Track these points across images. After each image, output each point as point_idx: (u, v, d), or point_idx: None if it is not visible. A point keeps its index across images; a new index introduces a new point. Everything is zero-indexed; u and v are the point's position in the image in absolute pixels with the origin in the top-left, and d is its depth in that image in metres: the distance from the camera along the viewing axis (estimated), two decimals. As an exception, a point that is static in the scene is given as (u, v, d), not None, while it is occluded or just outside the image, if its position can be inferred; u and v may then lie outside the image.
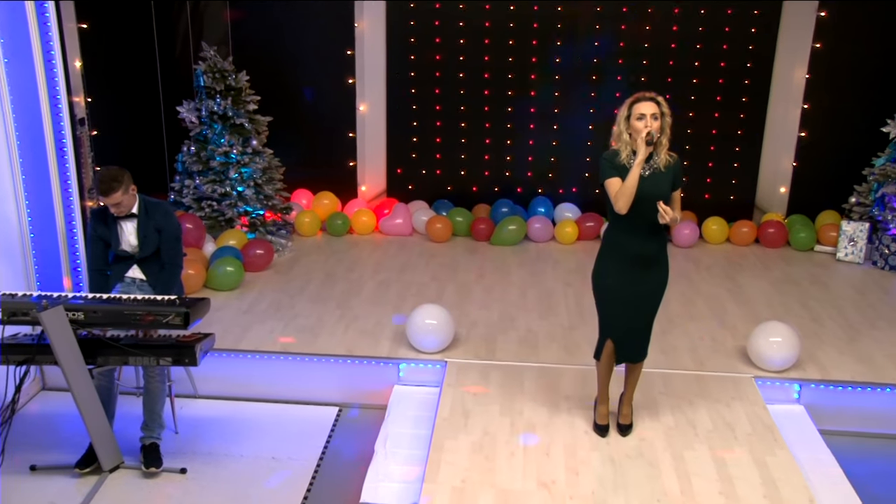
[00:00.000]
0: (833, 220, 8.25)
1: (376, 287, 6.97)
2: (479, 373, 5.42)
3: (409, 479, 4.46)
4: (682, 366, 5.60)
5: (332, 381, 5.66)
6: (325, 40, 8.38)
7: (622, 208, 4.20)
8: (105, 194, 4.60)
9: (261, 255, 7.25)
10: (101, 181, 4.60)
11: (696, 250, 8.21)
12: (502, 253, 7.99)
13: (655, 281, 4.45)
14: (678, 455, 4.54)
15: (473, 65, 8.57)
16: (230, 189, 7.64)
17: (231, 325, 6.09)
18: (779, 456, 4.55)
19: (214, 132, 7.56)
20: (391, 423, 5.09)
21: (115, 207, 4.69)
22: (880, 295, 7.02)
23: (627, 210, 4.20)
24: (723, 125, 8.55)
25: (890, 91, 7.85)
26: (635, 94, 4.25)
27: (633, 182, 4.16)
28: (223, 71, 7.51)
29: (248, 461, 4.92)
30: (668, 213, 4.14)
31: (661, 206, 4.14)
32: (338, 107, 8.62)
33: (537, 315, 6.42)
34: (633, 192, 4.17)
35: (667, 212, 4.13)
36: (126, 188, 4.67)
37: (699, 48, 8.33)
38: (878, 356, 5.75)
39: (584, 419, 4.85)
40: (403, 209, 8.55)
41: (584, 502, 4.11)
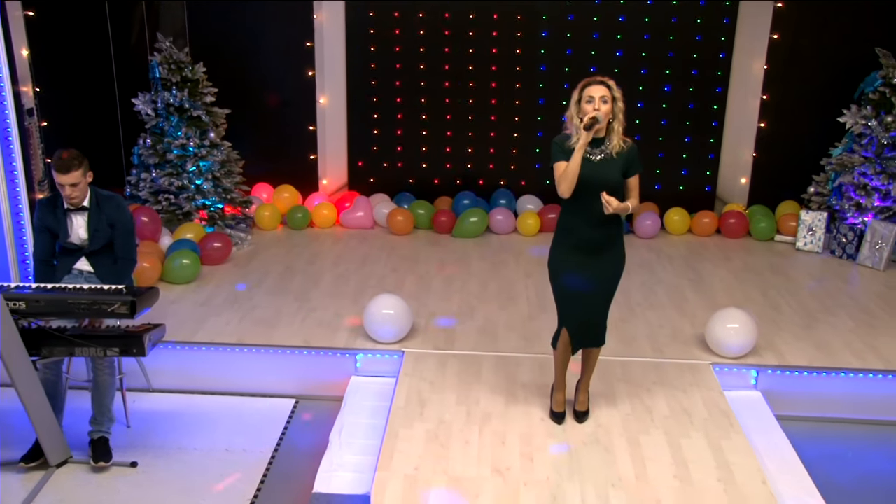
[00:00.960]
0: (793, 210, 8.30)
1: (335, 279, 6.90)
2: (437, 363, 5.38)
3: (364, 469, 4.40)
4: (641, 353, 5.59)
5: (289, 373, 5.59)
6: (284, 32, 8.27)
7: (564, 192, 4.18)
8: (65, 171, 4.50)
9: (218, 248, 7.14)
10: (60, 158, 4.50)
11: (658, 241, 8.23)
12: (464, 245, 7.95)
13: (609, 267, 4.41)
14: (634, 441, 4.52)
15: (434, 56, 8.51)
16: (188, 182, 7.52)
17: (186, 317, 5.99)
18: (734, 440, 4.55)
19: (171, 124, 7.44)
20: (347, 414, 5.03)
21: (71, 190, 4.57)
22: (838, 283, 7.07)
23: (570, 194, 4.17)
24: (684, 117, 8.56)
25: (847, 82, 7.90)
26: (587, 78, 4.22)
27: (575, 166, 4.13)
28: (179, 62, 7.39)
29: (201, 454, 4.84)
30: (612, 203, 4.10)
31: (605, 196, 4.11)
32: (298, 99, 8.51)
33: (497, 306, 6.38)
34: (575, 175, 4.13)
35: (609, 202, 4.09)
36: (85, 171, 4.59)
37: (664, 40, 8.33)
38: (835, 342, 5.78)
39: (540, 407, 4.82)
40: (364, 202, 8.48)
41: (539, 488, 4.08)
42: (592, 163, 4.21)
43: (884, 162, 7.51)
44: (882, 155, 7.53)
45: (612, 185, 4.18)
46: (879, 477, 4.81)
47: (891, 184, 7.51)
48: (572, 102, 4.23)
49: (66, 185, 4.57)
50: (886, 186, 7.54)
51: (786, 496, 4.25)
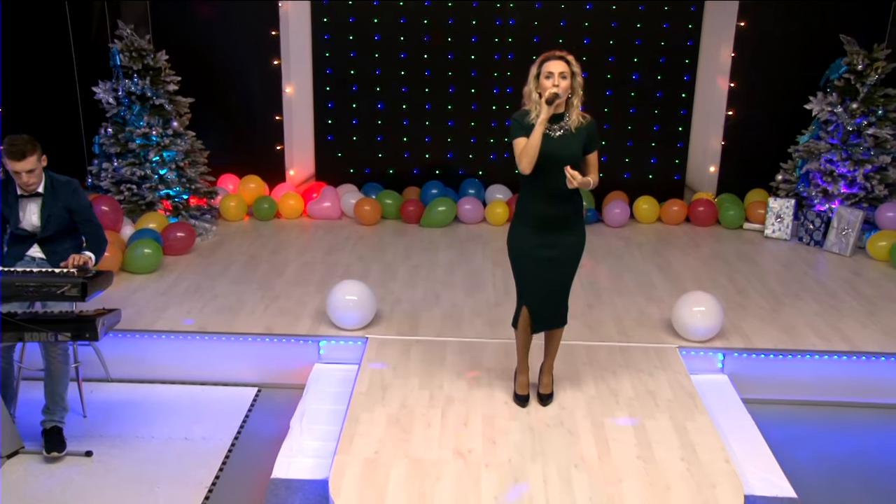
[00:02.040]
0: (761, 198, 8.30)
1: (300, 268, 6.81)
2: (401, 348, 5.30)
3: (324, 454, 4.32)
4: (607, 338, 5.55)
5: (251, 361, 5.51)
6: (249, 21, 8.16)
7: (525, 168, 4.13)
8: (20, 158, 4.35)
9: (181, 237, 7.03)
10: (13, 144, 4.35)
11: (627, 230, 8.21)
12: (432, 234, 7.88)
13: (569, 245, 4.36)
14: (598, 422, 4.47)
15: (404, 45, 8.42)
16: (150, 172, 7.40)
17: (146, 306, 5.88)
18: (698, 421, 4.52)
19: (133, 113, 7.32)
20: (309, 400, 4.95)
21: (28, 176, 4.43)
22: (805, 269, 7.07)
23: (531, 170, 4.12)
24: (652, 105, 8.54)
25: (813, 69, 7.92)
26: (545, 53, 4.17)
27: (536, 141, 4.08)
28: (141, 50, 7.27)
29: (159, 443, 4.74)
30: (577, 177, 4.06)
31: (569, 170, 4.06)
32: (263, 89, 8.40)
33: (463, 292, 6.32)
34: (536, 151, 4.08)
35: (574, 177, 4.05)
36: (40, 156, 4.45)
37: (626, 26, 8.30)
38: (800, 325, 5.78)
39: (504, 391, 4.77)
40: (332, 192, 8.39)
41: (500, 470, 4.02)
42: (552, 139, 4.15)
43: (849, 149, 7.53)
44: (848, 142, 7.56)
45: (572, 161, 4.13)
46: (843, 457, 4.80)
47: (856, 170, 7.53)
48: (531, 78, 4.18)
49: (21, 173, 4.42)
50: (852, 173, 7.56)
51: (749, 475, 4.23)
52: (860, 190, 7.62)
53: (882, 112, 7.42)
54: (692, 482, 3.95)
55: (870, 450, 4.90)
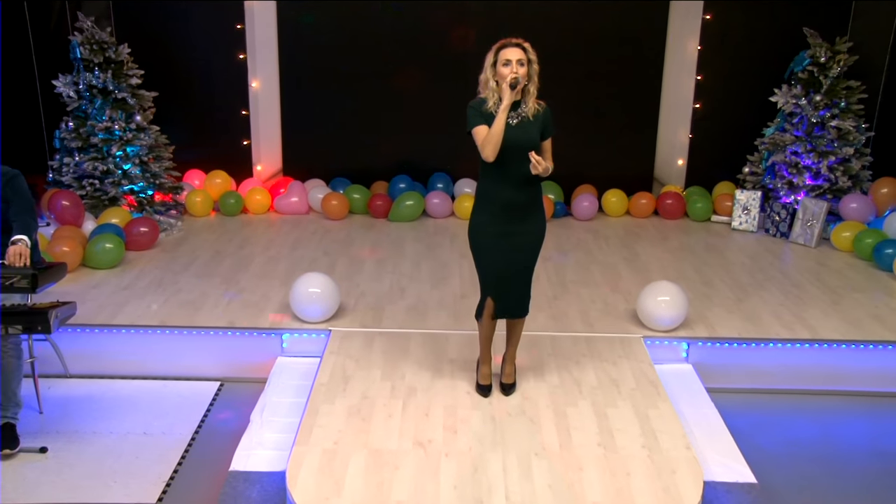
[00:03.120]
0: (729, 191, 8.33)
1: (265, 262, 6.74)
2: (364, 340, 5.26)
3: (284, 447, 4.26)
4: (572, 328, 5.54)
5: (214, 355, 5.44)
6: (214, 14, 8.07)
7: (489, 156, 4.11)
8: None
9: (145, 232, 6.93)
10: None
11: (596, 223, 8.21)
12: (399, 228, 7.83)
13: (530, 232, 4.34)
14: (560, 411, 4.46)
15: (369, 38, 8.36)
16: (113, 167, 7.29)
17: (107, 301, 5.79)
18: (661, 409, 4.51)
19: (94, 107, 7.21)
20: (270, 393, 4.89)
21: None
22: (771, 260, 7.10)
23: (495, 157, 4.10)
24: (620, 98, 8.53)
25: (778, 61, 7.96)
26: (501, 41, 4.15)
27: (500, 128, 4.06)
28: (102, 43, 7.17)
29: (117, 438, 4.66)
30: (541, 163, 4.05)
31: (533, 156, 4.05)
32: (229, 83, 8.31)
33: (429, 285, 6.29)
34: (500, 138, 4.07)
35: (539, 162, 4.04)
36: None
37: (593, 19, 8.29)
38: (765, 314, 5.80)
39: (467, 381, 4.74)
40: (299, 187, 8.32)
41: (460, 459, 3.99)
42: (511, 126, 4.14)
43: (814, 140, 7.58)
44: (812, 133, 7.60)
45: (532, 148, 4.12)
46: (804, 443, 4.82)
47: (821, 162, 7.58)
48: (487, 66, 4.16)
49: None
50: (817, 165, 7.61)
51: (711, 461, 4.23)
52: (825, 181, 7.67)
53: (845, 104, 7.48)
54: (653, 469, 3.94)
55: (831, 435, 4.93)
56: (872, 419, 5.13)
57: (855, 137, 7.53)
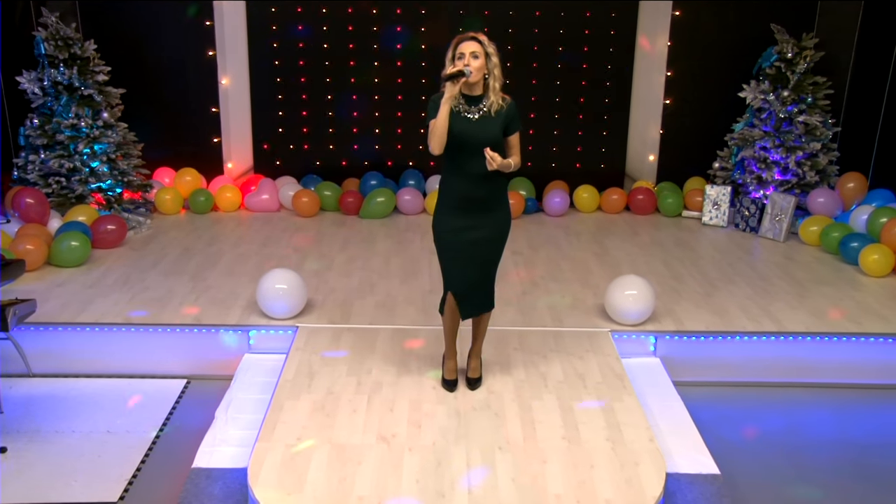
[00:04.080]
0: (700, 186, 8.36)
1: (234, 259, 6.70)
2: (331, 337, 5.24)
3: (248, 443, 4.22)
4: (540, 323, 5.54)
5: (180, 352, 5.40)
6: (182, 11, 8.00)
7: (434, 148, 4.10)
8: None
9: (112, 230, 6.87)
10: None
11: (567, 218, 8.22)
12: (370, 225, 7.81)
13: (492, 227, 4.32)
14: (526, 405, 4.46)
15: (339, 36, 8.33)
16: (80, 164, 7.22)
17: (72, 299, 5.73)
18: (626, 402, 4.52)
19: (60, 104, 7.13)
20: (236, 390, 4.86)
21: None
22: (740, 254, 7.14)
23: (440, 150, 4.11)
24: (591, 94, 8.57)
25: (747, 57, 8.00)
26: (459, 35, 4.13)
27: (441, 121, 4.05)
28: (67, 38, 7.09)
29: (80, 437, 4.62)
30: (496, 159, 4.03)
31: (488, 152, 4.03)
32: (198, 80, 8.25)
33: (398, 281, 6.28)
34: (442, 131, 4.06)
35: (494, 158, 4.02)
36: None
37: (563, 16, 8.31)
38: (732, 308, 5.83)
39: (433, 376, 4.73)
40: (270, 185, 8.27)
41: (423, 453, 3.98)
42: (471, 121, 4.13)
43: (782, 136, 7.63)
44: (780, 129, 7.66)
45: (491, 143, 4.10)
46: (769, 435, 4.85)
47: (789, 157, 7.63)
48: (447, 60, 4.14)
49: None
50: (785, 160, 7.66)
51: (675, 454, 4.25)
52: (793, 176, 7.72)
53: (811, 100, 7.54)
54: (616, 461, 3.95)
55: (796, 427, 4.96)
56: (836, 410, 5.18)
57: (822, 132, 7.59)
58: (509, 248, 6.92)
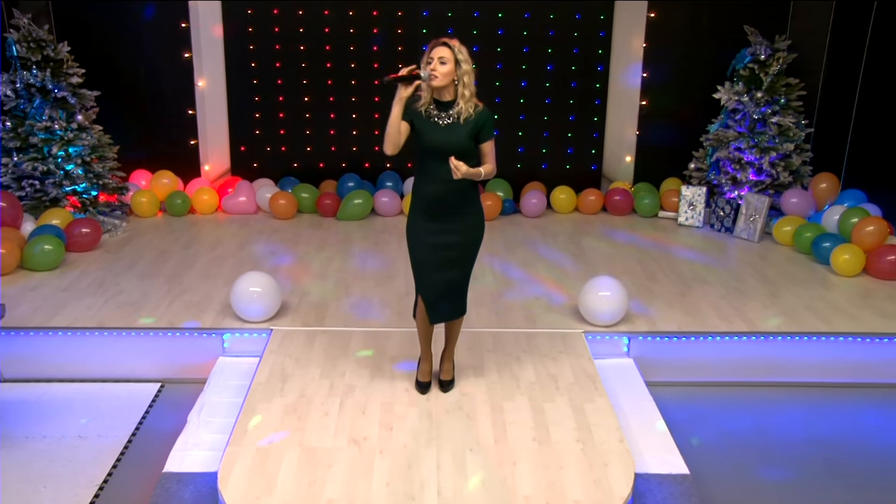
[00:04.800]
0: (676, 187, 8.41)
1: (210, 262, 6.68)
2: (305, 339, 5.24)
3: (220, 447, 4.22)
4: (514, 325, 5.56)
5: (154, 356, 5.38)
6: (158, 12, 7.97)
7: (388, 150, 4.18)
8: None
9: (87, 234, 6.83)
10: None
11: (544, 219, 8.25)
12: (348, 227, 7.81)
13: (463, 233, 4.30)
14: (497, 407, 4.48)
15: (314, 37, 8.33)
16: (54, 167, 7.18)
17: (44, 303, 5.71)
18: (597, 403, 4.55)
19: (33, 106, 7.09)
20: (209, 394, 4.86)
21: None
22: (715, 254, 7.20)
23: (394, 152, 4.17)
24: (567, 95, 8.60)
25: (721, 58, 8.05)
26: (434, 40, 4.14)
27: (392, 122, 4.12)
28: (40, 40, 7.05)
29: (51, 442, 4.59)
30: (460, 168, 4.02)
31: (453, 161, 4.03)
32: (175, 83, 8.22)
33: (374, 283, 6.28)
34: (394, 131, 4.13)
35: (458, 167, 4.02)
36: None
37: (540, 19, 8.34)
38: (705, 308, 5.87)
39: (405, 378, 4.74)
40: (247, 187, 8.25)
41: (395, 456, 3.99)
42: (440, 127, 4.15)
43: (756, 136, 7.70)
44: (754, 130, 7.72)
45: (459, 150, 4.09)
46: (740, 434, 4.90)
47: (763, 158, 7.70)
48: (422, 63, 4.15)
49: None
50: (759, 160, 7.72)
51: (646, 454, 4.28)
52: (767, 177, 7.79)
53: (785, 101, 7.60)
54: (585, 462, 3.98)
55: (767, 426, 5.01)
56: (806, 408, 5.23)
57: (795, 133, 7.66)
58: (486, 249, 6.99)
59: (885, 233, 6.61)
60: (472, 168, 4.08)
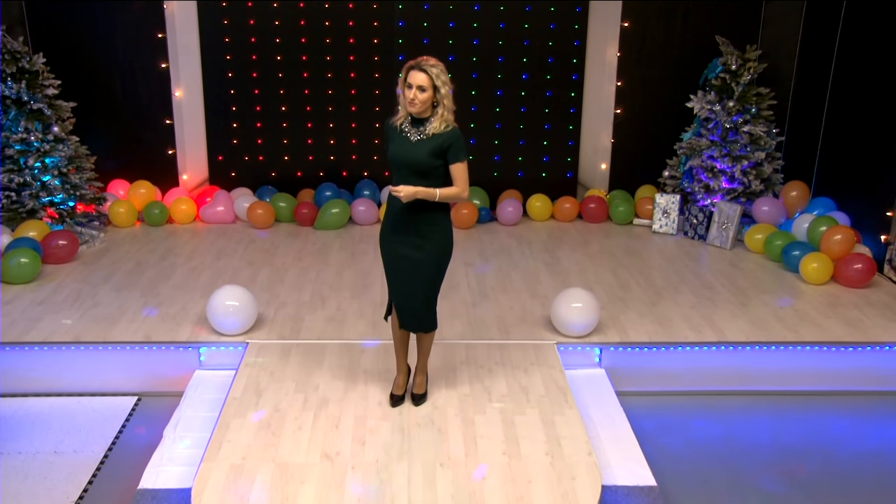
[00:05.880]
0: (650, 194, 8.52)
1: (187, 273, 6.72)
2: (280, 352, 5.29)
3: (195, 462, 4.27)
4: (488, 336, 5.64)
5: (130, 369, 5.42)
6: (134, 22, 7.99)
7: None
8: None
9: (63, 245, 6.85)
10: None
11: (520, 227, 8.33)
12: (325, 236, 7.86)
13: (426, 251, 4.35)
14: (469, 420, 4.55)
15: (291, 47, 8.38)
16: (31, 179, 7.19)
17: (19, 317, 5.73)
18: (567, 415, 4.63)
19: (9, 118, 7.09)
20: (185, 408, 4.90)
21: None
22: (687, 262, 7.30)
23: None
24: (543, 104, 8.69)
25: (694, 68, 8.16)
26: (414, 59, 4.18)
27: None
28: (14, 52, 7.05)
29: (25, 458, 4.62)
30: (400, 192, 4.12)
31: (391, 188, 4.18)
32: (152, 92, 8.24)
33: (350, 294, 6.34)
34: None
35: (398, 191, 4.13)
36: None
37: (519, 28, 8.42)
38: (676, 317, 5.97)
39: (379, 391, 4.81)
40: (225, 196, 8.29)
41: (366, 471, 4.06)
42: (410, 142, 4.23)
43: (728, 145, 7.81)
44: (727, 138, 7.83)
45: (419, 166, 4.19)
46: (708, 443, 5.00)
47: (735, 166, 7.81)
48: (401, 81, 4.21)
49: None
50: (731, 169, 7.84)
51: (614, 465, 4.36)
52: (739, 185, 7.91)
53: (755, 110, 7.72)
54: (553, 475, 4.06)
55: (734, 434, 5.11)
56: (774, 417, 5.34)
57: (766, 142, 7.78)
58: (461, 258, 7.09)
59: (852, 241, 6.73)
60: (424, 188, 4.15)
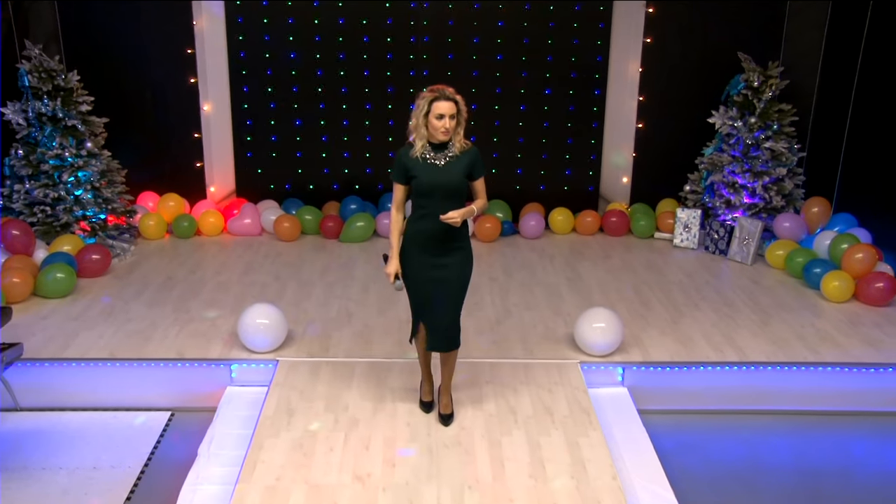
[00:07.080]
0: (672, 209, 8.59)
1: (216, 288, 6.87)
2: (310, 371, 5.42)
3: (230, 481, 4.41)
4: (512, 355, 5.74)
5: (163, 385, 5.56)
6: (164, 39, 8.16)
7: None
8: None
9: (97, 260, 7.02)
10: None
11: (542, 241, 8.42)
12: (350, 250, 7.99)
13: (453, 267, 4.55)
14: (495, 442, 4.66)
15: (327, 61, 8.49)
16: (65, 193, 7.37)
17: (57, 332, 5.89)
18: (591, 437, 4.73)
19: (44, 134, 7.28)
20: (219, 425, 5.04)
21: None
22: (707, 278, 7.37)
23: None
24: (565, 119, 8.78)
25: (716, 83, 8.22)
26: (434, 90, 4.32)
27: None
28: (50, 70, 7.23)
29: (66, 473, 4.77)
30: (454, 217, 4.31)
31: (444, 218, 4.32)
32: (181, 107, 8.41)
33: (376, 310, 6.46)
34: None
35: (451, 217, 4.30)
36: None
37: (542, 44, 8.52)
38: (697, 336, 6.05)
39: (407, 411, 4.93)
40: (252, 209, 8.44)
41: (397, 493, 4.18)
42: (438, 168, 4.37)
43: (749, 161, 7.87)
44: (748, 154, 7.89)
45: (457, 188, 4.41)
46: (729, 462, 5.08)
47: (756, 182, 7.87)
48: (419, 113, 4.34)
49: None
50: (753, 184, 7.90)
51: (637, 487, 4.46)
52: (760, 200, 7.96)
53: (777, 126, 7.78)
54: (578, 499, 4.16)
55: (755, 454, 5.19)
56: (795, 437, 5.41)
57: (787, 158, 7.83)
58: (485, 273, 7.19)
59: (874, 260, 6.78)
60: (466, 208, 4.39)
